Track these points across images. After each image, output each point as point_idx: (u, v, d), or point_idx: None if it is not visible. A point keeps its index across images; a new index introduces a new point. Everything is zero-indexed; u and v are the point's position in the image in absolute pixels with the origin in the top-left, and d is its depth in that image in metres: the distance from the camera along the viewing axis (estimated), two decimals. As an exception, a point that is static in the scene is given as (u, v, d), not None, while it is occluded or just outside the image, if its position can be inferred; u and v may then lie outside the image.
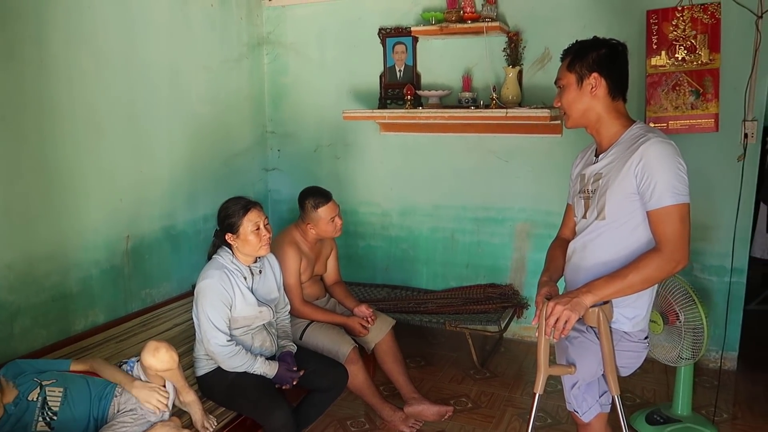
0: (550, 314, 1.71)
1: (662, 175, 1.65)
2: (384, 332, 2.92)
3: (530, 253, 3.77)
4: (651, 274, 1.68)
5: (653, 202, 1.67)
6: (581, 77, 1.79)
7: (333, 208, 2.81)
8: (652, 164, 1.66)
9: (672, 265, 1.68)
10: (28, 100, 2.65)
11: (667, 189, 1.65)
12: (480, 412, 2.99)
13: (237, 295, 2.31)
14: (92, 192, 2.99)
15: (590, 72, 1.78)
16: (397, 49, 3.84)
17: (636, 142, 1.73)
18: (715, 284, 3.37)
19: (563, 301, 1.70)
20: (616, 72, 1.80)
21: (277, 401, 2.22)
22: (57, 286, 2.85)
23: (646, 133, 1.73)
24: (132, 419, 2.04)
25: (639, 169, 1.68)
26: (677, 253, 1.67)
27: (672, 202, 1.65)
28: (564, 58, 1.86)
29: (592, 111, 1.81)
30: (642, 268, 1.68)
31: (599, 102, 1.80)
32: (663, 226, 1.67)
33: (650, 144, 1.68)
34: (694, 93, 3.21)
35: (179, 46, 3.48)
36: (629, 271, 1.69)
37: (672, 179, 1.65)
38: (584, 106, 1.81)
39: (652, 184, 1.66)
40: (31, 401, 1.98)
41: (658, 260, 1.67)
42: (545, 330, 1.73)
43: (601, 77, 1.78)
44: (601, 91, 1.79)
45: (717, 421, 2.85)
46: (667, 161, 1.66)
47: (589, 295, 1.71)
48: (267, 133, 4.35)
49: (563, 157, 3.53)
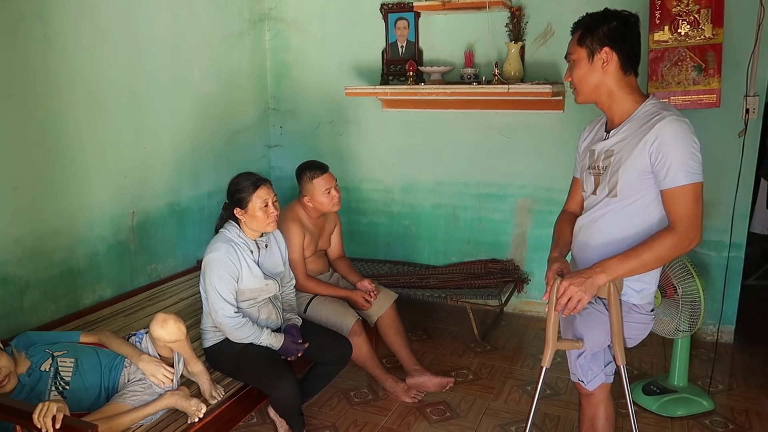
0: (563, 294, 1.73)
1: (677, 154, 1.65)
2: (386, 306, 2.97)
3: (531, 228, 3.81)
4: (665, 252, 1.70)
5: (668, 181, 1.67)
6: (592, 52, 1.77)
7: (328, 180, 2.83)
8: (667, 143, 1.66)
9: (686, 244, 1.69)
10: (33, 77, 2.66)
11: (681, 168, 1.65)
12: (480, 384, 3.06)
13: (244, 267, 2.35)
14: (97, 168, 3.02)
15: (601, 46, 1.76)
16: (399, 25, 3.83)
17: (650, 119, 1.71)
18: (713, 259, 3.41)
19: (577, 282, 1.71)
20: (628, 46, 1.77)
21: (282, 371, 2.28)
22: (65, 261, 2.89)
23: (660, 111, 1.72)
24: (142, 388, 2.10)
25: (654, 148, 1.68)
26: (691, 232, 1.68)
27: (686, 182, 1.65)
28: (574, 32, 1.83)
29: (604, 86, 1.80)
30: (656, 247, 1.69)
31: (611, 77, 1.78)
32: (677, 205, 1.68)
33: (666, 122, 1.67)
34: (697, 68, 3.21)
35: (180, 22, 3.47)
36: (643, 249, 1.70)
37: (687, 158, 1.65)
38: (595, 81, 1.79)
39: (667, 163, 1.66)
40: (44, 371, 2.04)
41: (673, 239, 1.68)
42: (556, 308, 1.75)
43: (613, 51, 1.75)
44: (612, 65, 1.77)
45: (712, 391, 2.92)
46: (682, 140, 1.66)
47: (602, 275, 1.72)
48: (269, 110, 4.35)
49: (565, 133, 3.54)
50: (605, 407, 1.99)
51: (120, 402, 2.03)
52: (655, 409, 2.76)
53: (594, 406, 1.99)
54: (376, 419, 2.75)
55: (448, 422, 2.72)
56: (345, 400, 2.90)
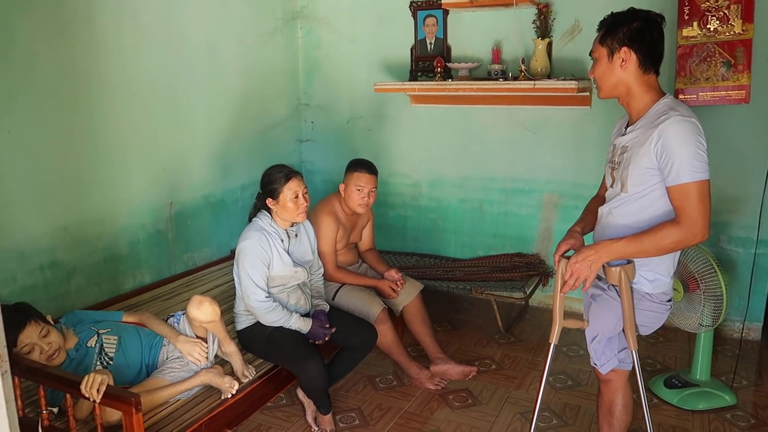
0: (570, 275, 1.83)
1: (680, 153, 1.71)
2: (412, 296, 3.06)
3: (557, 223, 3.84)
4: (666, 244, 1.77)
5: (671, 178, 1.74)
6: (612, 51, 1.85)
7: (367, 180, 2.90)
8: (670, 142, 1.72)
9: (689, 238, 1.75)
10: (79, 74, 2.83)
11: (684, 166, 1.71)
12: (503, 373, 3.13)
13: (274, 255, 2.47)
14: (138, 161, 3.19)
15: (620, 46, 1.83)
16: (428, 22, 3.90)
17: (658, 118, 1.78)
18: (741, 256, 3.39)
19: (583, 263, 1.82)
20: (647, 45, 1.83)
21: (311, 354, 2.39)
22: (108, 248, 3.07)
23: (668, 110, 1.78)
24: (179, 366, 2.24)
25: (659, 147, 1.75)
26: (695, 227, 1.73)
27: (689, 180, 1.71)
28: (599, 30, 1.91)
29: (623, 84, 1.87)
30: (658, 238, 1.76)
31: (629, 75, 1.85)
32: (681, 202, 1.74)
33: (670, 122, 1.73)
34: (726, 64, 3.20)
35: (216, 21, 3.62)
36: (646, 237, 1.78)
37: (690, 157, 1.71)
38: (615, 79, 1.87)
39: (671, 161, 1.73)
40: (90, 347, 2.19)
41: (676, 232, 1.75)
42: (562, 288, 1.85)
43: (631, 51, 1.82)
44: (631, 65, 1.84)
45: (736, 387, 2.92)
46: (685, 139, 1.72)
47: (605, 254, 1.82)
48: (301, 106, 4.48)
49: (592, 129, 3.57)
50: (623, 394, 2.06)
51: (159, 377, 2.17)
52: (676, 402, 2.79)
53: (612, 393, 2.06)
54: (400, 404, 2.84)
55: (469, 409, 2.80)
56: (370, 385, 3.01)
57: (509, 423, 2.69)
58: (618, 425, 2.09)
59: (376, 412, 2.77)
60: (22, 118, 2.59)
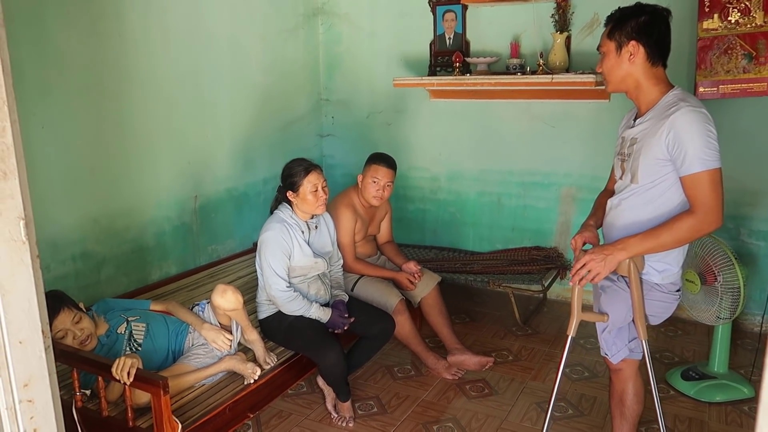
0: (583, 266, 1.87)
1: (691, 143, 1.74)
2: (430, 287, 3.11)
3: (575, 217, 3.86)
4: (683, 234, 1.80)
5: (684, 168, 1.77)
6: (620, 45, 1.87)
7: (384, 173, 2.96)
8: (681, 133, 1.75)
9: (704, 227, 1.78)
10: (109, 70, 2.94)
11: (696, 156, 1.74)
12: (520, 365, 3.17)
13: (295, 246, 2.55)
14: (164, 155, 3.29)
15: (629, 40, 1.86)
16: (447, 17, 3.94)
17: (668, 110, 1.81)
18: (762, 249, 3.38)
19: (598, 258, 1.85)
20: (655, 39, 1.86)
21: (330, 342, 2.47)
22: (136, 239, 3.18)
23: (678, 102, 1.81)
24: (204, 352, 2.33)
25: (670, 138, 1.77)
26: (709, 216, 1.76)
27: (701, 169, 1.74)
28: (606, 25, 1.94)
29: (631, 77, 1.90)
30: (675, 229, 1.79)
31: (638, 68, 1.88)
32: (694, 191, 1.77)
33: (680, 113, 1.76)
34: (747, 56, 3.18)
35: (239, 18, 3.70)
36: (663, 230, 1.81)
37: (701, 146, 1.74)
38: (623, 72, 1.90)
39: (683, 152, 1.75)
40: (120, 334, 2.29)
41: (691, 222, 1.78)
42: (573, 278, 1.90)
43: (639, 45, 1.85)
44: (639, 58, 1.86)
45: (754, 380, 2.92)
46: (695, 129, 1.75)
47: (623, 252, 1.84)
48: (322, 101, 4.55)
49: (610, 122, 3.57)
50: (634, 383, 2.09)
51: (185, 363, 2.27)
52: (693, 394, 2.80)
53: (623, 382, 2.09)
54: (418, 393, 2.90)
55: (486, 398, 2.85)
56: (388, 375, 3.07)
57: (525, 412, 2.73)
58: (630, 414, 2.12)
59: (394, 401, 2.84)
60: (55, 114, 2.70)
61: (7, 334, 0.88)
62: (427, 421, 2.67)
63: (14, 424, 0.91)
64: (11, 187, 0.84)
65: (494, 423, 2.66)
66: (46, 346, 0.98)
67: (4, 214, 0.85)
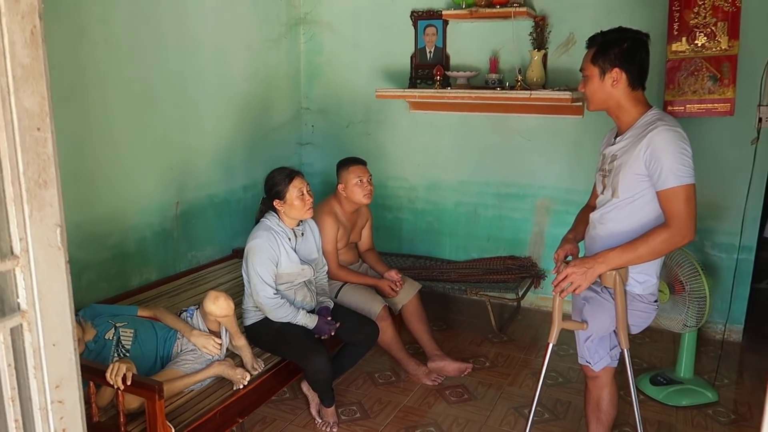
0: (564, 278, 1.97)
1: (667, 159, 1.86)
2: (411, 295, 3.18)
3: (549, 227, 3.99)
4: (659, 247, 1.91)
5: (660, 183, 1.89)
6: (603, 71, 1.98)
7: (363, 171, 3.05)
8: (658, 150, 1.87)
9: (678, 239, 1.89)
10: (96, 76, 2.93)
11: (671, 172, 1.86)
12: (497, 371, 3.26)
13: (282, 253, 2.59)
14: (147, 161, 3.29)
15: (612, 67, 1.97)
16: (428, 32, 4.04)
17: (647, 128, 1.93)
18: (724, 261, 3.56)
19: (579, 271, 1.95)
20: (637, 65, 1.98)
21: (317, 348, 2.51)
22: (117, 245, 3.16)
23: (656, 121, 1.93)
24: (192, 358, 2.35)
25: (648, 155, 1.89)
26: (684, 229, 1.88)
27: (676, 184, 1.86)
28: (589, 48, 2.04)
29: (612, 99, 2.01)
30: (651, 242, 1.90)
31: (620, 92, 1.99)
32: (670, 205, 1.89)
33: (657, 131, 1.88)
34: (712, 78, 3.36)
35: (224, 27, 3.73)
36: (640, 243, 1.91)
37: (676, 163, 1.86)
38: (605, 95, 2.01)
39: (659, 167, 1.87)
40: (108, 339, 2.29)
41: (666, 234, 1.89)
42: (555, 289, 2.00)
43: (622, 72, 1.96)
44: (621, 83, 1.98)
45: (717, 385, 3.08)
46: (671, 147, 1.87)
47: (603, 264, 1.94)
48: (302, 110, 4.59)
49: (584, 137, 3.72)
50: (609, 389, 2.19)
51: (174, 369, 2.28)
52: (661, 399, 2.94)
53: (599, 389, 2.19)
54: (399, 398, 2.96)
55: (465, 403, 2.93)
56: (370, 381, 3.13)
57: (503, 417, 2.82)
58: (605, 419, 2.22)
59: (376, 406, 2.89)
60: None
61: (42, 337, 0.91)
62: (409, 426, 2.74)
63: (46, 425, 0.94)
64: (50, 196, 0.88)
65: (474, 427, 2.74)
66: (74, 349, 1.01)
67: (44, 221, 0.88)
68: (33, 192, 0.86)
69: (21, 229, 0.88)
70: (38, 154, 0.85)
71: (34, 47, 0.81)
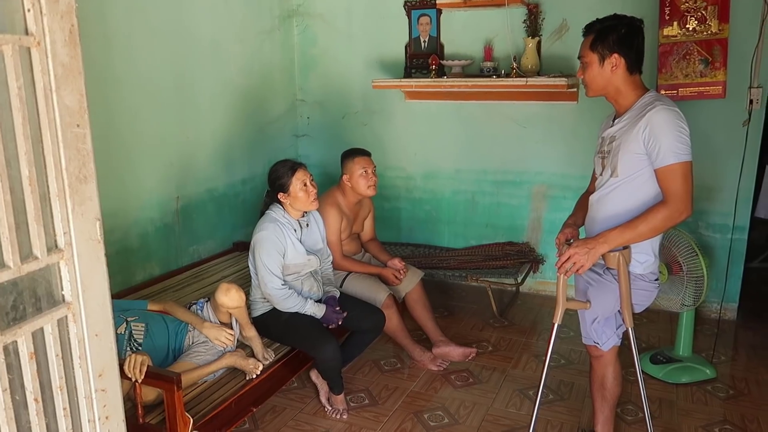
0: (567, 259, 2.02)
1: (665, 138, 1.92)
2: (414, 283, 3.23)
3: (546, 213, 4.04)
4: (658, 223, 1.96)
5: (659, 161, 1.94)
6: (603, 57, 2.03)
7: (368, 162, 3.09)
8: (657, 129, 1.92)
9: (677, 215, 1.95)
10: (95, 72, 2.92)
11: (670, 150, 1.91)
12: (500, 355, 3.32)
13: (288, 245, 2.62)
14: (148, 156, 3.29)
15: (611, 53, 2.01)
16: (422, 21, 4.06)
17: (645, 109, 1.98)
18: (718, 241, 3.63)
19: (581, 251, 2.00)
20: (635, 50, 2.03)
21: (327, 336, 2.55)
22: (120, 240, 3.17)
23: (654, 102, 1.98)
24: (204, 350, 2.38)
25: (646, 134, 1.94)
26: (681, 204, 1.94)
27: (674, 161, 1.92)
28: (586, 35, 2.08)
29: (612, 85, 2.06)
30: (650, 219, 1.96)
31: (618, 77, 2.04)
32: (668, 182, 1.94)
33: (655, 111, 1.94)
34: (704, 62, 3.42)
35: (219, 21, 3.72)
36: (639, 222, 1.97)
37: (674, 141, 1.92)
38: (605, 81, 2.06)
39: (657, 146, 1.93)
40: (120, 334, 2.31)
41: (665, 211, 1.94)
42: (559, 270, 2.04)
43: (621, 57, 2.01)
44: (620, 68, 2.03)
45: (715, 362, 3.16)
46: (669, 126, 1.92)
47: (605, 244, 2.00)
48: (297, 102, 4.60)
49: (579, 123, 3.77)
50: (614, 368, 2.25)
51: (187, 361, 2.31)
52: (662, 377, 3.01)
53: (604, 367, 2.25)
54: (406, 384, 3.01)
55: (471, 387, 2.99)
56: (376, 368, 3.17)
57: (509, 399, 2.88)
58: (610, 396, 2.29)
59: (384, 392, 2.94)
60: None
61: (86, 328, 0.94)
62: (417, 410, 2.79)
63: (91, 412, 0.97)
64: (90, 190, 0.90)
65: (481, 410, 2.79)
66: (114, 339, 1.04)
67: (85, 215, 0.90)
68: (75, 187, 0.89)
69: (65, 223, 0.91)
70: (78, 150, 0.88)
71: (73, 45, 0.83)
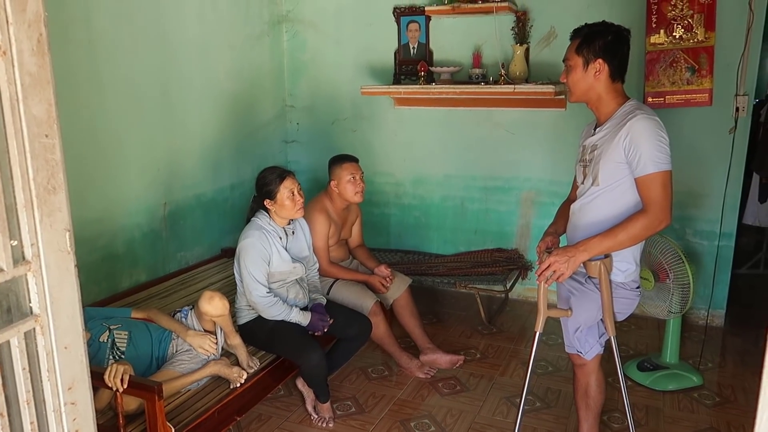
0: (547, 267, 2.02)
1: (645, 147, 1.92)
2: (401, 290, 3.22)
3: (534, 219, 4.05)
4: (637, 232, 1.97)
5: (639, 170, 1.95)
6: (587, 61, 2.04)
7: (356, 168, 3.09)
8: (637, 137, 1.93)
9: (656, 224, 1.96)
10: (80, 78, 2.91)
11: (649, 159, 1.92)
12: (487, 362, 3.31)
13: (274, 252, 2.60)
14: (135, 162, 3.27)
15: (596, 58, 2.02)
16: (411, 27, 4.06)
17: (625, 118, 1.99)
18: (705, 248, 3.64)
19: (561, 259, 2.00)
20: (618, 58, 2.04)
21: (312, 344, 2.54)
22: (106, 247, 3.15)
23: (634, 110, 2.00)
24: (188, 358, 2.36)
25: (627, 143, 1.95)
26: (660, 213, 1.94)
27: (654, 170, 1.93)
28: (573, 39, 2.09)
29: (594, 91, 2.07)
30: (630, 228, 1.96)
31: (601, 83, 2.05)
32: (648, 191, 1.95)
33: (636, 120, 1.95)
34: (690, 69, 3.44)
35: (207, 25, 3.71)
36: (619, 230, 1.97)
37: (654, 150, 1.93)
38: (587, 86, 2.07)
39: (637, 154, 1.93)
40: (102, 342, 2.29)
41: (644, 220, 1.95)
42: (539, 278, 2.05)
43: (605, 63, 2.02)
44: (603, 75, 2.04)
45: (702, 369, 3.16)
46: (649, 135, 1.93)
47: (584, 252, 2.00)
48: (287, 107, 4.59)
49: (567, 129, 3.78)
50: (597, 376, 2.25)
51: (170, 369, 2.29)
52: (648, 384, 3.01)
53: (587, 375, 2.25)
54: (393, 392, 3.00)
55: (458, 395, 2.98)
56: (363, 376, 3.16)
57: (496, 407, 2.87)
58: (594, 405, 2.29)
59: (371, 400, 2.93)
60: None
61: (54, 340, 0.92)
62: (404, 419, 2.77)
63: (60, 426, 0.95)
64: (59, 201, 0.89)
65: (468, 418, 2.78)
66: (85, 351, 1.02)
67: (54, 226, 0.89)
68: (43, 198, 0.87)
69: (32, 234, 0.89)
70: (47, 161, 0.86)
71: (41, 55, 0.82)
